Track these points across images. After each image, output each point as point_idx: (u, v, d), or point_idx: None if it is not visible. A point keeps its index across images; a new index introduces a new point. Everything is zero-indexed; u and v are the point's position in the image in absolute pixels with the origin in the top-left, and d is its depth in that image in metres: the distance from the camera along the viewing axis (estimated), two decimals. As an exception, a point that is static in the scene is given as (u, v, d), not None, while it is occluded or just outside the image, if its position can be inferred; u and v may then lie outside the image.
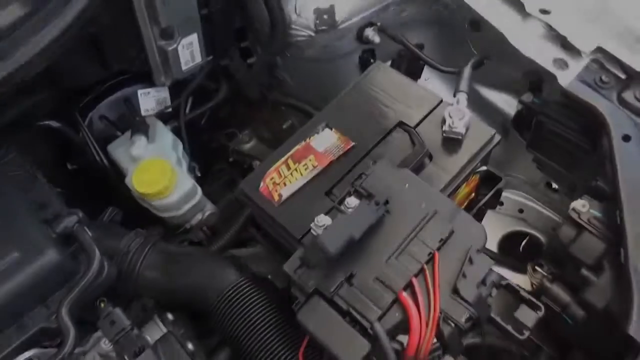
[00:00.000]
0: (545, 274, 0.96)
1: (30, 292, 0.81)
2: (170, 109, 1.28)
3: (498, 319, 0.76)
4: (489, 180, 1.08)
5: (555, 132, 1.04)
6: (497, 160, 1.11)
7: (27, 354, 0.80)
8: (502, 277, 0.78)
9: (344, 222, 0.72)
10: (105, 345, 0.87)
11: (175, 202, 1.08)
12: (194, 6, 1.10)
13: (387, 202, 0.76)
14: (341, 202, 0.82)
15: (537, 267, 0.97)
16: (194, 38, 1.15)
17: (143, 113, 1.24)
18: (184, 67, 1.18)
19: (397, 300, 0.72)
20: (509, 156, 1.29)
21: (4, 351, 0.80)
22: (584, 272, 0.88)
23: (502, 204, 1.34)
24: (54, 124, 1.08)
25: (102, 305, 0.86)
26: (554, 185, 1.29)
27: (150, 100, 1.26)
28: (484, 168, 0.98)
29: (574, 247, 0.89)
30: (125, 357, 0.82)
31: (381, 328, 0.69)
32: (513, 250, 1.32)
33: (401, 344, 0.72)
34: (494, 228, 1.31)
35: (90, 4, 0.89)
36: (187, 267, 0.96)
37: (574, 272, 0.90)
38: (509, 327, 0.76)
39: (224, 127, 1.56)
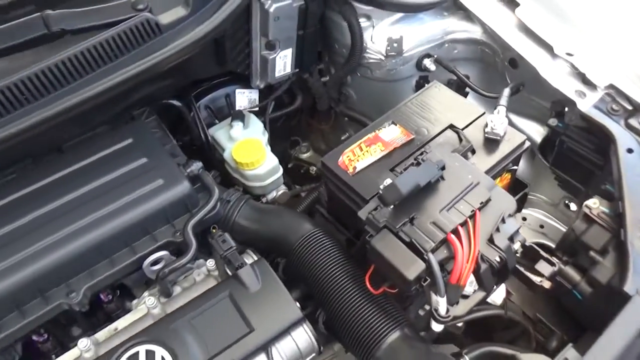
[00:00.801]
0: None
1: (165, 211, 1.08)
2: (257, 108, 1.58)
3: (522, 269, 0.99)
4: (517, 186, 1.34)
5: (575, 150, 1.30)
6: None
7: (159, 253, 1.05)
8: (525, 239, 1.02)
9: (413, 173, 0.98)
10: (210, 264, 1.12)
11: (263, 173, 1.35)
12: (294, 27, 1.42)
13: (443, 167, 1.01)
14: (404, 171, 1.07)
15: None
16: (289, 52, 1.47)
17: (237, 108, 1.55)
18: (276, 75, 1.50)
19: (445, 241, 0.96)
20: (533, 178, 1.54)
21: (140, 252, 1.06)
22: (592, 254, 1.10)
23: (525, 219, 1.58)
24: (176, 102, 1.38)
25: (214, 230, 1.11)
26: (572, 207, 1.53)
27: (244, 98, 1.56)
28: (515, 167, 1.23)
29: (586, 235, 1.12)
30: (228, 271, 1.07)
31: (433, 256, 0.93)
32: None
33: (446, 273, 0.95)
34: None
35: (230, 15, 1.21)
36: (273, 218, 1.21)
37: (585, 257, 1.12)
38: (530, 274, 0.98)
39: (290, 134, 1.86)
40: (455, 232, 0.97)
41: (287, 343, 1.03)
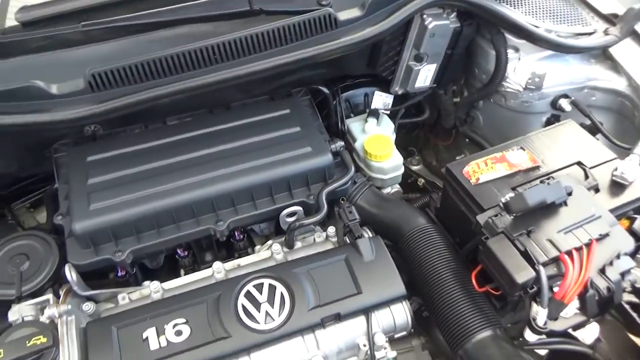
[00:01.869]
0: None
1: (307, 175, 1.25)
2: (388, 112, 1.72)
3: (627, 306, 1.02)
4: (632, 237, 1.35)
5: None
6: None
7: (295, 208, 1.22)
8: (637, 281, 1.05)
9: (541, 189, 1.06)
10: (330, 230, 1.27)
11: (387, 167, 1.48)
12: (445, 46, 1.55)
13: (570, 193, 1.08)
14: (528, 191, 1.15)
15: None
16: (433, 67, 1.59)
17: (372, 107, 1.70)
18: (416, 85, 1.63)
19: (558, 260, 1.02)
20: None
21: (279, 204, 1.24)
22: None
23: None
24: (325, 90, 1.56)
25: (342, 201, 1.26)
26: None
27: (380, 100, 1.71)
28: (636, 217, 1.25)
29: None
30: (347, 238, 1.21)
31: (543, 268, 1.00)
32: None
33: (551, 290, 1.01)
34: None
35: (396, 24, 1.37)
36: (392, 206, 1.34)
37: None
38: (635, 315, 1.01)
39: (407, 144, 1.98)
40: (569, 254, 1.03)
41: (386, 314, 1.14)
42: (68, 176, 1.22)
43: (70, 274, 1.09)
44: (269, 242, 1.29)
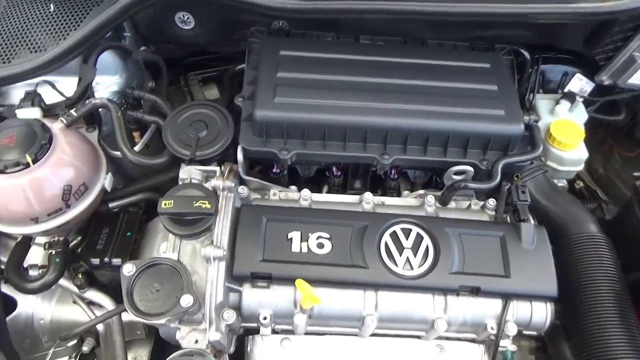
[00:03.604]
0: None
1: (489, 138, 1.16)
2: (581, 99, 1.53)
3: None
4: None
5: None
6: None
7: (466, 167, 1.16)
8: None
9: None
10: (491, 202, 1.19)
11: (567, 159, 1.33)
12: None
13: None
14: None
15: None
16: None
17: (566, 90, 1.52)
18: (629, 81, 1.41)
19: None
20: None
21: (449, 158, 1.17)
22: None
23: None
24: (526, 53, 1.40)
25: (516, 178, 1.17)
26: None
27: (577, 84, 1.52)
28: None
29: None
30: (508, 217, 1.13)
31: None
32: None
33: None
34: None
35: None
36: (565, 202, 1.22)
37: None
38: None
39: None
40: None
41: (525, 307, 1.07)
42: (258, 63, 1.24)
43: (241, 154, 1.14)
44: (421, 191, 1.25)
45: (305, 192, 1.17)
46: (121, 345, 1.27)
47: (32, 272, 1.23)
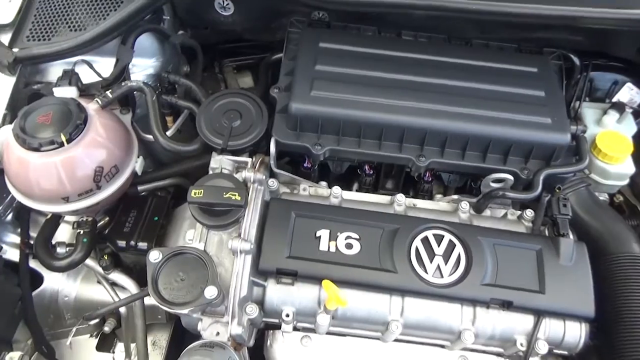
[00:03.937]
0: None
1: (532, 146, 1.12)
2: (630, 110, 1.45)
3: None
4: None
5: None
6: None
7: (505, 175, 1.11)
8: None
9: None
10: (529, 213, 1.14)
11: (612, 172, 1.27)
12: None
13: None
14: None
15: None
16: None
17: (615, 99, 1.45)
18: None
19: None
20: None
21: (488, 164, 1.13)
22: None
23: None
24: (574, 58, 1.34)
25: (557, 190, 1.12)
26: None
27: (627, 94, 1.44)
28: None
29: None
30: (546, 230, 1.08)
31: None
32: None
33: None
34: None
35: None
36: (605, 217, 1.16)
37: None
38: None
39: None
40: None
41: (558, 326, 1.03)
42: (297, 54, 1.21)
43: (274, 147, 1.12)
44: (455, 196, 1.20)
45: (336, 189, 1.15)
46: (142, 328, 1.27)
47: (60, 249, 1.24)
